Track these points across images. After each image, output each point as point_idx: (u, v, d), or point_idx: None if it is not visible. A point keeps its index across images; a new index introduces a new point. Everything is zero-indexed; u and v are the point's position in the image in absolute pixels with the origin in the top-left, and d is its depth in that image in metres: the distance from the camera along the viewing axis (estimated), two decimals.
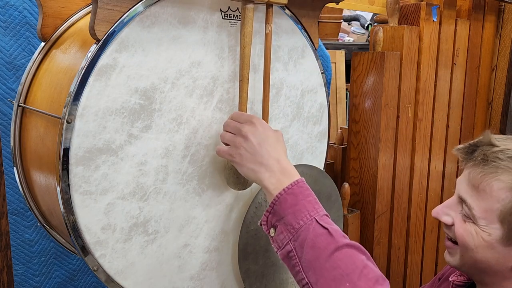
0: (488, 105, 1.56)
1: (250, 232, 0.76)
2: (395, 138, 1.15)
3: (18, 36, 0.83)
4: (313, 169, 0.83)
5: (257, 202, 0.76)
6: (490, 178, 0.61)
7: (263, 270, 0.79)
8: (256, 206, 0.76)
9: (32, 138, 0.68)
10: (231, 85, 0.71)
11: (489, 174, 0.61)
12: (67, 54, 0.67)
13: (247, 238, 0.76)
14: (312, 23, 0.83)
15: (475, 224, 0.64)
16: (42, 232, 0.90)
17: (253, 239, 0.77)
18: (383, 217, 1.16)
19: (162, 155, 0.65)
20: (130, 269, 0.65)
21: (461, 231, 0.66)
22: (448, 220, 0.68)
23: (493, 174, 0.61)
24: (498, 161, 0.61)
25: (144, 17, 0.60)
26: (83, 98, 0.56)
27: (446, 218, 0.69)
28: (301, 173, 0.80)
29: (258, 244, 0.78)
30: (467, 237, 0.65)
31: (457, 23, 1.31)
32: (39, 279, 0.91)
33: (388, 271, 1.21)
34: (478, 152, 0.64)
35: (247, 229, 0.75)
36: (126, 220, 0.63)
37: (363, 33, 2.66)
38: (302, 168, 0.81)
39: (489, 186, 0.62)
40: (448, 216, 0.69)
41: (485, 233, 0.63)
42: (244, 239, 0.75)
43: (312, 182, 0.83)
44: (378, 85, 1.06)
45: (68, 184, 0.57)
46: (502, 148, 0.62)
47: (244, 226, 0.75)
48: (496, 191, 0.61)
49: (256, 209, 0.76)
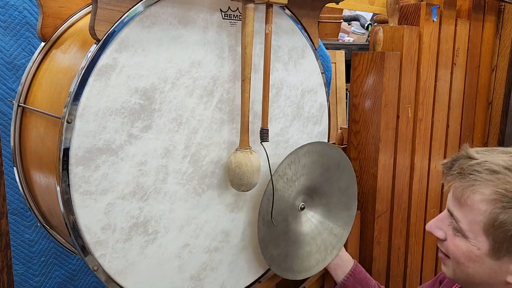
0: (488, 105, 1.56)
1: (266, 223, 0.79)
2: (395, 138, 1.15)
3: (18, 36, 0.83)
4: (317, 145, 0.86)
5: (268, 193, 0.78)
6: (469, 191, 0.62)
7: (286, 251, 0.83)
8: (268, 198, 0.78)
9: (32, 138, 0.68)
10: (231, 85, 0.71)
11: (469, 188, 0.62)
12: (67, 54, 0.67)
13: (264, 228, 0.78)
14: (312, 23, 0.83)
15: (465, 238, 0.64)
16: (42, 232, 0.90)
17: (269, 228, 0.79)
18: (383, 217, 1.16)
19: (162, 155, 0.65)
20: (130, 269, 0.65)
21: (452, 246, 0.66)
22: (441, 234, 0.69)
23: (472, 187, 0.61)
24: (475, 174, 0.61)
25: (144, 17, 0.60)
26: (83, 98, 0.56)
27: (439, 232, 0.69)
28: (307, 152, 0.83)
29: (275, 230, 0.81)
30: (458, 252, 0.65)
31: (457, 23, 1.30)
32: (39, 279, 0.91)
33: (388, 271, 1.21)
34: (456, 166, 0.65)
35: (263, 220, 0.78)
36: (126, 220, 0.63)
37: (363, 33, 2.66)
38: (307, 147, 0.84)
39: (470, 199, 0.62)
40: (441, 230, 0.69)
41: (474, 247, 0.63)
42: (262, 231, 0.78)
43: (320, 156, 0.86)
44: (378, 85, 1.06)
45: (68, 184, 0.57)
46: (479, 161, 0.62)
47: (260, 219, 0.77)
48: (476, 204, 0.61)
49: (268, 200, 0.78)
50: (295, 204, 0.85)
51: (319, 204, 0.89)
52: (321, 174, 0.87)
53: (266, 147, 0.75)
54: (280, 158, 0.83)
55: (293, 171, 0.82)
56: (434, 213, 1.37)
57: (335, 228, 0.91)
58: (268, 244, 0.80)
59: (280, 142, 0.82)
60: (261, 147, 0.74)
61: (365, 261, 1.15)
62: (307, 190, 0.86)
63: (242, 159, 0.70)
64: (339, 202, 0.92)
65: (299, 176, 0.83)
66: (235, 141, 0.73)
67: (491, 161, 0.61)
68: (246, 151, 0.70)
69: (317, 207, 0.89)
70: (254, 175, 0.70)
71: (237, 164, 0.70)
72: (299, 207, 0.85)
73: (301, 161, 0.83)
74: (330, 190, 0.89)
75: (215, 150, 0.71)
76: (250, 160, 0.70)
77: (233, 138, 0.73)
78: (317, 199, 0.88)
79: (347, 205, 0.93)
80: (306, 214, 0.88)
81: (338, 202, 0.91)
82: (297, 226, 0.86)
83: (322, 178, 0.87)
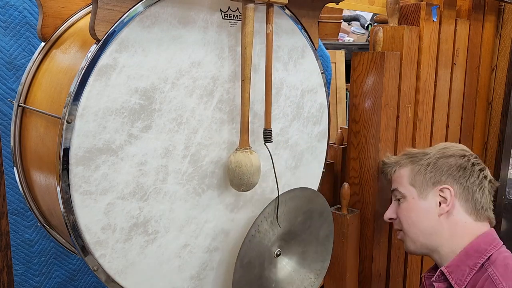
0: (488, 105, 1.56)
1: (244, 266, 0.75)
2: (395, 138, 1.15)
3: (18, 36, 0.83)
4: (306, 190, 0.84)
5: (250, 235, 0.75)
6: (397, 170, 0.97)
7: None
8: (249, 239, 0.75)
9: (32, 138, 0.68)
10: (231, 85, 0.71)
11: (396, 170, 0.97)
12: (67, 54, 0.67)
13: (241, 271, 0.75)
14: (312, 23, 0.83)
15: (404, 198, 0.92)
16: (42, 232, 0.90)
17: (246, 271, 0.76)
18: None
19: (162, 155, 0.65)
20: (130, 269, 0.65)
21: (400, 212, 0.93)
22: (393, 214, 0.95)
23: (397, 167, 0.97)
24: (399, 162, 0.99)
25: (144, 17, 0.60)
26: (83, 98, 0.56)
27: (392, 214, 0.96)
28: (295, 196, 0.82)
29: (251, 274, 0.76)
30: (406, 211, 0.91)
31: (457, 23, 1.30)
32: (39, 279, 0.91)
33: (388, 271, 1.21)
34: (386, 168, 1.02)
35: (241, 262, 0.75)
36: (126, 220, 0.63)
37: (363, 33, 2.66)
38: (297, 192, 0.82)
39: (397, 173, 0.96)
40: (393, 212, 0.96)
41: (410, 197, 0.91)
42: (238, 273, 0.74)
43: (307, 202, 0.84)
44: (378, 85, 1.06)
45: (68, 184, 0.57)
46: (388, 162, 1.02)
47: (238, 260, 0.74)
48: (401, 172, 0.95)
49: (249, 242, 0.75)
50: (272, 249, 0.81)
51: (295, 252, 0.86)
52: (303, 222, 0.84)
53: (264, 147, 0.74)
54: (280, 158, 0.83)
55: (279, 214, 0.79)
56: None
57: (307, 279, 0.87)
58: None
59: (280, 142, 0.82)
60: (261, 147, 0.74)
61: (365, 261, 1.15)
62: (285, 236, 0.82)
63: (242, 159, 0.69)
64: (315, 252, 0.88)
65: (282, 220, 0.80)
66: (235, 141, 0.73)
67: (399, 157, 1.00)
68: (246, 151, 0.70)
69: (293, 255, 0.86)
70: (254, 175, 0.70)
71: (237, 164, 0.69)
72: (275, 254, 0.82)
73: (287, 204, 0.80)
74: (308, 238, 0.86)
75: (215, 150, 0.71)
76: (250, 160, 0.69)
77: (233, 138, 0.73)
78: (294, 247, 0.85)
79: (322, 256, 0.90)
80: (281, 261, 0.84)
81: (314, 253, 0.88)
82: (271, 272, 0.82)
83: (303, 225, 0.84)
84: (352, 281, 1.12)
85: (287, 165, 0.84)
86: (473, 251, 0.83)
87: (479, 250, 0.83)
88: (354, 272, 1.13)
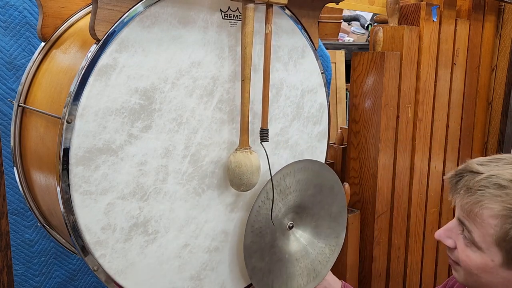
0: (488, 105, 1.56)
1: (255, 231, 0.77)
2: (395, 138, 1.15)
3: (18, 36, 0.83)
4: (314, 163, 0.84)
5: (260, 201, 0.76)
6: (478, 207, 0.62)
7: (269, 266, 0.80)
8: (259, 205, 0.76)
9: (32, 138, 0.68)
10: (231, 85, 0.71)
11: (478, 203, 0.63)
12: (67, 54, 0.67)
13: (252, 236, 0.76)
14: (312, 23, 0.83)
15: (477, 249, 0.64)
16: (42, 232, 0.90)
17: (257, 237, 0.77)
18: (383, 217, 1.16)
19: (162, 155, 0.65)
20: (130, 269, 0.65)
21: (464, 257, 0.66)
22: (451, 243, 0.69)
23: (481, 203, 0.62)
24: (483, 189, 0.62)
25: (144, 17, 0.60)
26: (83, 98, 0.56)
27: (449, 241, 0.69)
28: (303, 168, 0.80)
29: (263, 241, 0.78)
30: (471, 263, 0.65)
31: (457, 23, 1.30)
32: (39, 279, 0.91)
33: (388, 271, 1.21)
34: (462, 183, 0.65)
35: (252, 228, 0.76)
36: (126, 220, 0.63)
37: (363, 33, 2.66)
38: (305, 163, 0.82)
39: (479, 215, 0.63)
40: (451, 239, 0.69)
41: (488, 258, 0.64)
42: (249, 237, 0.76)
43: (315, 176, 0.84)
44: (378, 85, 1.06)
45: (68, 184, 0.57)
46: (485, 175, 0.63)
47: (248, 225, 0.75)
48: (487, 219, 0.62)
49: (259, 207, 0.76)
50: (284, 220, 0.82)
51: (309, 225, 0.86)
52: (313, 195, 0.84)
53: (265, 147, 0.74)
54: (280, 158, 0.83)
55: (288, 184, 0.80)
56: (434, 213, 1.37)
57: (321, 254, 0.88)
58: (252, 254, 0.77)
59: (280, 142, 0.82)
60: (261, 147, 0.74)
61: (365, 261, 1.15)
62: (297, 208, 0.83)
63: (241, 159, 0.70)
64: (329, 228, 0.88)
65: (292, 191, 0.81)
66: (235, 141, 0.73)
67: (498, 174, 0.62)
68: (245, 151, 0.70)
69: (306, 227, 0.86)
70: (253, 175, 0.70)
71: (237, 164, 0.70)
72: (288, 226, 0.83)
73: (296, 175, 0.81)
74: (320, 213, 0.87)
75: (215, 150, 0.71)
76: (249, 160, 0.70)
77: (233, 138, 0.73)
78: (307, 220, 0.86)
79: (336, 232, 0.89)
80: (295, 233, 0.85)
81: (327, 228, 0.88)
82: (284, 243, 0.83)
83: (314, 199, 0.85)
84: (352, 281, 1.12)
85: None
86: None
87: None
88: (354, 272, 1.13)
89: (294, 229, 0.85)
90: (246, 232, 0.75)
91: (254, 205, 0.75)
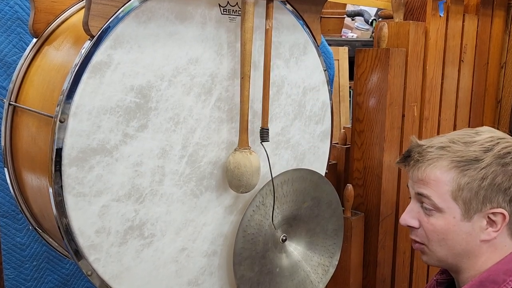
0: (497, 104, 1.54)
1: (247, 237, 0.75)
2: (401, 138, 1.13)
3: (9, 32, 0.82)
4: (314, 174, 0.82)
5: (254, 205, 0.74)
6: (429, 169, 0.72)
7: (258, 277, 0.78)
8: (253, 209, 0.74)
9: (24, 138, 0.67)
10: (230, 83, 0.70)
11: (428, 166, 0.72)
12: (60, 50, 0.66)
13: (243, 242, 0.74)
14: (314, 18, 0.82)
15: (439, 213, 0.72)
16: (34, 236, 0.89)
17: (249, 244, 0.75)
18: (388, 219, 1.14)
19: (159, 155, 0.64)
20: (126, 274, 0.64)
21: (430, 226, 0.73)
22: (415, 223, 0.75)
23: (431, 165, 0.72)
24: (430, 153, 0.73)
25: (140, 12, 0.59)
26: (76, 96, 0.56)
27: (413, 222, 0.75)
28: (301, 177, 0.78)
29: (254, 249, 0.76)
30: (436, 228, 0.72)
31: (465, 19, 1.29)
32: (31, 284, 0.91)
33: (393, 276, 1.19)
34: (413, 154, 0.75)
35: (244, 233, 0.74)
36: (121, 223, 0.62)
37: (367, 29, 2.64)
38: (303, 173, 0.80)
39: (433, 176, 0.71)
40: (414, 219, 0.75)
41: (450, 216, 0.71)
42: (240, 243, 0.74)
43: (313, 188, 0.82)
44: (383, 83, 1.05)
45: (61, 186, 0.56)
46: (428, 145, 0.74)
47: (240, 230, 0.73)
48: (439, 177, 0.71)
49: (253, 212, 0.75)
50: (277, 231, 0.79)
51: (303, 240, 0.83)
52: (310, 208, 0.82)
53: (266, 147, 0.73)
54: (281, 158, 0.81)
55: (284, 192, 0.77)
56: None
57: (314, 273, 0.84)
58: (242, 261, 0.74)
59: (281, 142, 0.80)
60: (261, 147, 0.73)
61: (369, 266, 1.13)
62: (292, 220, 0.80)
63: (241, 159, 0.69)
64: (323, 246, 0.85)
65: (289, 200, 0.79)
66: (234, 141, 0.72)
67: (437, 142, 0.74)
68: (245, 151, 0.69)
69: (300, 242, 0.83)
70: (253, 176, 0.69)
71: (236, 165, 0.68)
72: (281, 239, 0.79)
73: (294, 184, 0.78)
74: (316, 229, 0.84)
75: (213, 150, 0.70)
76: (249, 161, 0.69)
77: (232, 137, 0.72)
78: (301, 235, 0.83)
79: (330, 252, 0.86)
80: (288, 247, 0.82)
81: (322, 246, 0.85)
82: (276, 255, 0.79)
83: (311, 212, 0.82)
84: (355, 286, 1.11)
85: (288, 166, 0.83)
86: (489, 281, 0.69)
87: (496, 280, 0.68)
88: (358, 277, 1.11)
89: (288, 242, 0.82)
90: (237, 236, 0.73)
91: (247, 209, 0.73)
